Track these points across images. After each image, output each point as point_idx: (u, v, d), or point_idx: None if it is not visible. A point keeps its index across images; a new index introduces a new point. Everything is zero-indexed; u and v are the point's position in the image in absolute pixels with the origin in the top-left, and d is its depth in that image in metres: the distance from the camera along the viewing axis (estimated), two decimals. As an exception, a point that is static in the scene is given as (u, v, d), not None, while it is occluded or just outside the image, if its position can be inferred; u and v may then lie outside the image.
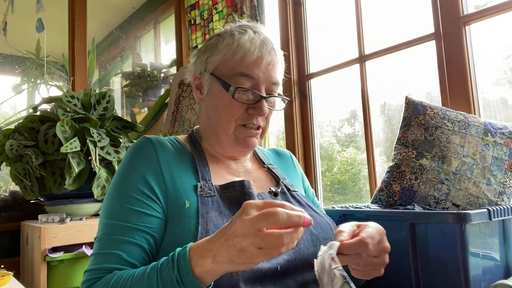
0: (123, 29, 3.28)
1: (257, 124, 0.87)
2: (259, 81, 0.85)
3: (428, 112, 1.20)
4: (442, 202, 1.09)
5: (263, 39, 0.87)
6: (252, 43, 0.85)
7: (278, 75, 0.88)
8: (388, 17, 1.89)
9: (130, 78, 3.14)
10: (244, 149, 0.88)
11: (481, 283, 0.88)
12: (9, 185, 2.42)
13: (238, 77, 0.84)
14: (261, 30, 0.90)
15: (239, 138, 0.86)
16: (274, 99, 0.89)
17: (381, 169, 1.79)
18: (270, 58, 0.85)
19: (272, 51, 0.87)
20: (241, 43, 0.85)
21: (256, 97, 0.84)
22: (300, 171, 1.08)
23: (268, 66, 0.85)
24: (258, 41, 0.86)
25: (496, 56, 1.56)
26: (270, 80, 0.86)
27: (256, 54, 0.84)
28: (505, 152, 1.13)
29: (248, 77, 0.84)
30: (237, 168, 0.92)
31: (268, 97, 0.86)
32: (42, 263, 1.57)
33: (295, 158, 1.10)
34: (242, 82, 0.84)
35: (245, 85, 0.84)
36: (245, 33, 0.87)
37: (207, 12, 2.44)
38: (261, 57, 0.84)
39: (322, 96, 2.14)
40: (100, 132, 1.73)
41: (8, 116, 2.82)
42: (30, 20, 2.54)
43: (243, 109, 0.84)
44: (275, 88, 0.88)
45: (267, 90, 0.86)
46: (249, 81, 0.84)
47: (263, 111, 0.84)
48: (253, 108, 0.84)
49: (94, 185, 1.68)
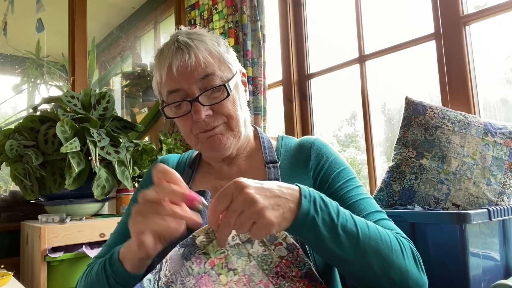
0: (123, 29, 3.28)
1: (211, 126, 0.81)
2: (184, 88, 0.79)
3: (428, 112, 1.20)
4: (442, 202, 1.09)
5: (172, 43, 0.81)
6: (162, 56, 0.82)
7: (204, 68, 0.79)
8: (388, 17, 1.89)
9: (130, 78, 3.14)
10: (213, 151, 0.84)
11: (481, 283, 0.88)
12: (9, 185, 2.42)
13: (169, 96, 0.81)
14: (176, 35, 0.83)
15: (204, 142, 0.83)
16: (219, 90, 0.80)
17: (381, 169, 1.79)
18: (179, 60, 0.78)
19: (180, 51, 0.79)
20: (156, 63, 0.83)
21: (187, 104, 0.80)
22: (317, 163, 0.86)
23: (179, 68, 0.78)
24: (166, 50, 0.81)
25: (496, 56, 1.56)
26: (193, 79, 0.79)
27: (165, 64, 0.80)
28: (505, 152, 1.13)
29: (174, 92, 0.80)
30: (229, 171, 0.90)
31: (197, 98, 0.78)
32: (42, 263, 1.57)
33: (316, 148, 0.88)
34: (173, 99, 0.80)
35: (177, 99, 0.80)
36: (159, 51, 0.84)
37: (207, 12, 2.44)
38: (170, 64, 0.79)
39: (322, 96, 2.14)
40: (100, 132, 1.73)
41: (8, 116, 2.82)
42: (30, 20, 2.53)
43: (190, 119, 0.81)
44: (209, 81, 0.80)
45: (201, 88, 0.80)
46: (178, 94, 0.80)
47: (198, 115, 0.78)
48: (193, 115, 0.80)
49: (94, 185, 1.68)
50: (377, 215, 0.77)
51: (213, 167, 0.92)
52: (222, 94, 0.81)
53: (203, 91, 0.79)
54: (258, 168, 0.88)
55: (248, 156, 0.91)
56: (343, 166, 0.85)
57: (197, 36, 0.83)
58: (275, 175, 0.84)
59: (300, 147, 0.89)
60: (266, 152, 0.89)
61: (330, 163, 0.85)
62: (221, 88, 0.80)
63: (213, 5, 2.39)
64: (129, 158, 1.83)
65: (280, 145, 0.92)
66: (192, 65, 0.78)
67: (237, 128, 0.84)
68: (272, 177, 0.83)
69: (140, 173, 1.94)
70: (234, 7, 2.20)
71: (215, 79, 0.80)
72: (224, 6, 2.29)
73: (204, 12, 2.48)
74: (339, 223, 0.63)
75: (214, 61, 0.81)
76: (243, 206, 0.60)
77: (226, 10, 2.27)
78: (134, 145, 1.91)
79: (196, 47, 0.80)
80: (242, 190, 0.61)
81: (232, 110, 0.82)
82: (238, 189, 0.61)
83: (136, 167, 1.92)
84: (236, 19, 2.18)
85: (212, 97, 0.80)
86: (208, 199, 0.81)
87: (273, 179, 0.83)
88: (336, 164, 0.85)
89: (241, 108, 0.85)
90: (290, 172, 0.86)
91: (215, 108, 0.80)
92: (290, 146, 0.91)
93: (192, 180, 0.91)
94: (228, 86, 0.80)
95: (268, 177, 0.83)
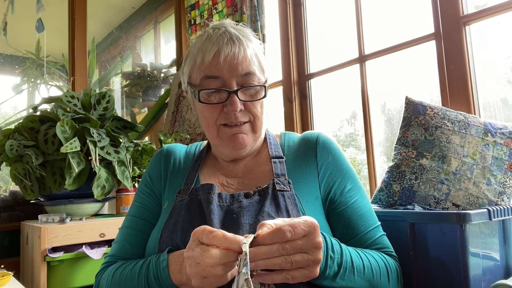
0: (123, 29, 3.28)
1: (239, 121, 0.83)
2: (225, 78, 0.81)
3: (428, 112, 1.20)
4: (442, 202, 1.09)
5: (222, 32, 0.83)
6: (209, 41, 0.83)
7: (248, 65, 0.82)
8: (388, 17, 1.89)
9: (130, 78, 3.14)
10: (233, 149, 0.86)
11: (481, 283, 0.88)
12: (9, 185, 2.42)
13: (204, 80, 0.83)
14: (224, 25, 0.86)
15: (224, 139, 0.85)
16: (255, 89, 0.84)
17: (381, 169, 1.79)
18: (229, 50, 0.81)
19: (231, 42, 0.82)
20: (200, 45, 0.84)
21: (225, 94, 0.82)
22: (323, 161, 0.88)
23: (228, 58, 0.81)
24: (215, 36, 0.83)
25: (496, 56, 1.56)
26: (237, 72, 0.81)
27: (213, 50, 0.81)
28: (505, 152, 1.13)
29: (212, 78, 0.82)
30: (236, 168, 0.91)
31: (237, 90, 0.81)
32: (42, 263, 1.57)
33: (322, 144, 0.90)
34: (208, 85, 0.82)
35: (212, 86, 0.82)
36: (204, 34, 0.86)
37: (207, 12, 2.44)
38: (219, 52, 0.81)
39: (322, 96, 2.14)
40: (100, 132, 1.73)
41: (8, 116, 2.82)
42: (30, 20, 2.53)
43: (218, 109, 0.83)
44: (248, 79, 0.83)
45: (239, 83, 0.82)
46: (216, 81, 0.82)
47: (234, 106, 0.80)
48: (227, 105, 0.82)
49: (94, 185, 1.68)
50: (375, 232, 0.84)
51: (220, 162, 0.93)
52: (257, 94, 0.84)
53: (244, 87, 0.82)
54: (264, 163, 0.90)
55: (255, 155, 0.93)
56: (346, 169, 0.89)
57: (246, 34, 0.87)
58: (281, 170, 0.86)
59: (304, 141, 0.92)
60: (271, 148, 0.92)
61: (335, 164, 0.88)
62: (258, 88, 0.84)
63: (213, 5, 2.39)
64: (129, 158, 1.83)
65: (283, 141, 0.94)
66: (239, 58, 0.81)
67: (259, 130, 0.87)
68: (278, 172, 0.86)
69: (140, 173, 1.94)
70: (234, 7, 2.20)
71: (254, 78, 0.84)
72: (224, 6, 2.29)
73: (204, 12, 2.48)
74: (341, 271, 0.70)
75: (256, 61, 0.85)
76: (312, 248, 0.61)
77: (226, 10, 2.27)
78: (134, 145, 1.91)
79: (246, 43, 0.84)
80: (316, 233, 0.62)
81: (260, 112, 0.85)
82: (315, 230, 0.62)
83: (136, 167, 1.92)
84: (236, 19, 2.18)
85: (247, 94, 0.84)
86: (215, 193, 0.82)
87: (279, 174, 0.85)
88: (341, 166, 0.89)
89: (265, 113, 0.89)
90: (295, 167, 0.88)
91: (247, 106, 0.84)
92: (293, 141, 0.94)
93: (199, 173, 0.91)
94: (267, 88, 0.85)
95: (274, 171, 0.85)
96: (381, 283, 0.76)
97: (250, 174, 0.90)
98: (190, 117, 2.40)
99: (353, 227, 0.82)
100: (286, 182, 0.84)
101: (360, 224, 0.83)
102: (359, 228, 0.83)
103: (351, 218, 0.83)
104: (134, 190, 1.92)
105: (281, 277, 0.61)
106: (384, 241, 0.85)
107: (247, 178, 0.89)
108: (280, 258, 0.59)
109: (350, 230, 0.83)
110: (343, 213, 0.84)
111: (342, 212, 0.84)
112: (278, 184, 0.82)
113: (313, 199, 0.84)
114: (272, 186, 0.82)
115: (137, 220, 0.90)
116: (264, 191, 0.81)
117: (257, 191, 0.82)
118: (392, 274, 0.80)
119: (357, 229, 0.83)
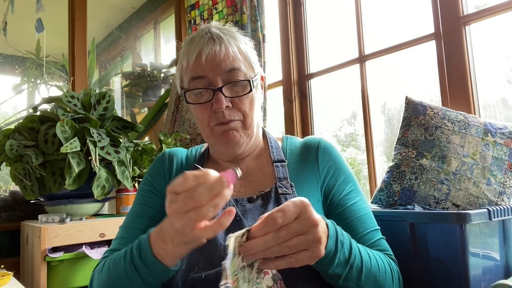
0: (123, 29, 3.28)
1: (227, 119, 0.83)
2: (209, 76, 0.82)
3: (428, 112, 1.20)
4: (442, 202, 1.09)
5: (204, 34, 0.84)
6: (192, 43, 0.84)
7: (231, 62, 0.83)
8: (388, 17, 1.89)
9: (130, 78, 3.14)
10: (226, 146, 0.86)
11: (481, 283, 0.88)
12: (9, 185, 2.42)
13: (191, 82, 0.84)
14: (208, 27, 0.86)
15: (217, 136, 0.85)
16: (242, 86, 0.84)
17: (381, 169, 1.79)
18: (209, 49, 0.81)
19: (211, 41, 0.82)
20: (184, 49, 0.86)
21: (210, 93, 0.82)
22: (324, 164, 0.89)
23: (209, 57, 0.81)
24: (198, 38, 0.84)
25: (496, 56, 1.56)
26: (220, 70, 0.82)
27: (195, 51, 0.82)
28: (505, 152, 1.13)
29: (198, 78, 0.83)
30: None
31: (221, 87, 0.81)
32: (42, 263, 1.57)
33: (323, 149, 0.91)
34: (195, 85, 0.83)
35: (199, 86, 0.83)
36: (189, 38, 0.86)
37: (207, 12, 2.44)
38: (200, 52, 0.82)
39: (322, 96, 2.14)
40: (100, 132, 1.73)
41: (8, 116, 2.82)
42: (30, 20, 2.53)
43: (209, 109, 0.84)
44: (233, 75, 0.83)
45: (225, 80, 0.83)
46: (202, 81, 0.83)
47: (220, 103, 0.80)
48: (213, 103, 0.82)
49: (94, 185, 1.68)
50: (374, 234, 0.84)
51: (220, 165, 0.93)
52: (244, 90, 0.84)
53: (227, 83, 0.82)
54: (266, 167, 0.90)
55: (257, 157, 0.93)
56: (346, 173, 0.89)
57: (229, 32, 0.86)
58: (284, 174, 0.87)
59: (306, 146, 0.92)
60: (273, 151, 0.91)
61: (336, 168, 0.89)
62: (244, 84, 0.84)
63: (213, 5, 2.39)
64: (129, 158, 1.83)
65: (285, 145, 0.94)
66: (221, 56, 0.82)
67: (251, 127, 0.86)
68: (280, 175, 0.86)
69: (140, 173, 1.94)
70: (234, 7, 2.20)
71: (240, 74, 0.83)
72: (224, 6, 2.29)
73: (204, 12, 2.48)
74: (350, 261, 0.69)
75: (241, 58, 0.85)
76: (308, 228, 0.60)
77: (226, 10, 2.26)
78: (134, 145, 1.91)
79: (227, 40, 0.83)
80: (308, 211, 0.60)
81: (249, 108, 0.85)
82: (306, 209, 0.60)
83: (136, 167, 1.92)
84: (236, 19, 2.18)
85: (234, 91, 0.84)
86: None
87: (281, 177, 0.85)
88: (341, 170, 0.89)
89: (256, 109, 0.88)
90: (297, 171, 0.88)
91: (234, 103, 0.83)
92: (295, 145, 0.94)
93: None
94: (252, 83, 0.84)
95: (276, 175, 0.86)
96: (386, 281, 0.75)
97: (251, 176, 0.90)
98: (190, 117, 2.40)
99: (351, 228, 0.82)
100: (289, 185, 0.85)
101: (358, 226, 0.83)
102: (357, 229, 0.82)
103: (349, 219, 0.83)
104: (134, 190, 1.92)
105: (284, 262, 0.60)
106: (383, 244, 0.85)
107: (248, 180, 0.89)
108: (276, 247, 0.59)
109: (348, 231, 0.82)
110: (342, 214, 0.84)
111: (341, 213, 0.84)
112: (280, 187, 0.83)
113: (315, 202, 0.84)
114: (274, 189, 0.83)
115: (139, 216, 0.89)
116: (267, 195, 0.82)
117: (260, 195, 0.83)
118: (394, 274, 0.79)
119: (355, 230, 0.82)
